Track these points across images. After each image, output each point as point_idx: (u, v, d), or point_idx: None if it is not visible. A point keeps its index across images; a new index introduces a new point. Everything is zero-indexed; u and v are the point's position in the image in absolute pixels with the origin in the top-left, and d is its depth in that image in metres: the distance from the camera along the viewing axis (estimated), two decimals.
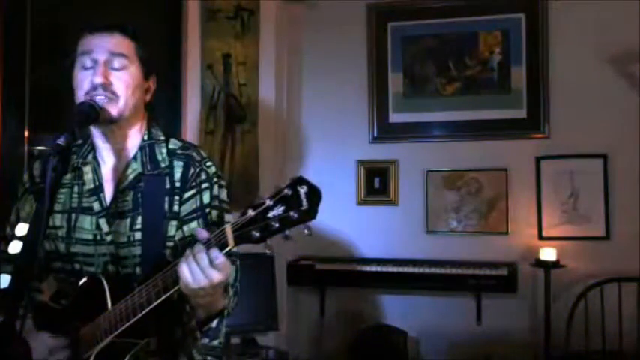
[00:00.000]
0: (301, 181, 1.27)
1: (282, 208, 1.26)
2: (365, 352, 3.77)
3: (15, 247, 1.65)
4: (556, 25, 3.87)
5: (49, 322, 1.57)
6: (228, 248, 1.32)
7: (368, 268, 3.87)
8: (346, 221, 4.01)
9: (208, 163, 1.64)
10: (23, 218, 1.68)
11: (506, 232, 3.90)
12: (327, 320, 4.08)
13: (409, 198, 4.08)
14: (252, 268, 1.47)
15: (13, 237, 1.68)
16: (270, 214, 1.27)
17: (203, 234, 1.36)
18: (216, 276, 1.34)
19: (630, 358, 3.47)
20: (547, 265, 3.61)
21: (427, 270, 3.77)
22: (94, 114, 1.49)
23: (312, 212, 1.26)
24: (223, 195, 1.65)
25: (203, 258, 1.32)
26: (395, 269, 3.81)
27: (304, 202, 1.25)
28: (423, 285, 3.81)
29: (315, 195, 1.26)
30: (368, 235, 4.10)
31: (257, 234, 1.28)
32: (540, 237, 3.83)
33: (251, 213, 1.28)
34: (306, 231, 1.28)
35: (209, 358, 1.60)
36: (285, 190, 1.27)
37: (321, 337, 4.06)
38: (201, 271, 1.33)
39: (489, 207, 3.94)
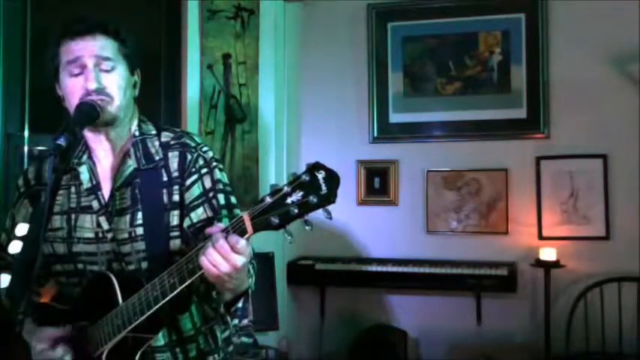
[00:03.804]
0: (318, 166, 1.27)
1: (300, 194, 1.26)
2: (365, 352, 3.77)
3: (15, 247, 1.64)
4: (556, 25, 3.87)
5: (54, 323, 1.56)
6: (248, 235, 1.32)
7: (368, 268, 3.87)
8: (346, 221, 4.00)
9: (204, 148, 1.64)
10: (19, 223, 1.67)
11: (506, 232, 3.90)
12: (327, 320, 4.08)
13: (409, 198, 4.09)
14: None
15: (11, 241, 1.67)
16: (289, 200, 1.26)
17: (215, 229, 1.36)
18: (239, 260, 1.33)
19: (630, 358, 3.47)
20: (547, 265, 3.62)
21: (427, 270, 3.77)
22: (95, 114, 1.49)
23: (331, 196, 1.26)
24: (225, 178, 1.65)
25: (223, 246, 1.32)
26: (395, 269, 3.82)
27: (323, 187, 1.26)
28: (423, 285, 3.81)
29: (333, 179, 1.27)
30: (368, 235, 4.10)
31: (276, 220, 1.27)
32: (540, 237, 3.83)
33: (269, 199, 1.28)
34: (325, 214, 1.28)
35: (243, 338, 1.60)
36: (303, 176, 1.26)
37: (321, 337, 4.06)
38: (224, 258, 1.32)
39: (489, 207, 3.94)
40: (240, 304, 1.52)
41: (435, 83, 4.08)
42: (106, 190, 1.60)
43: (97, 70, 1.53)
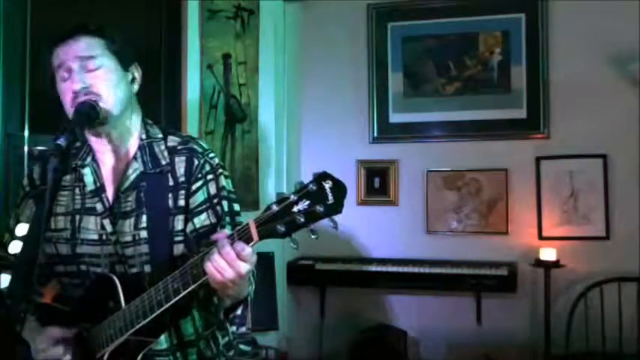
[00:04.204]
0: (326, 176, 1.29)
1: (307, 203, 1.27)
2: (365, 352, 3.77)
3: (15, 247, 1.65)
4: (556, 25, 3.87)
5: (56, 323, 1.56)
6: (253, 243, 1.33)
7: (368, 268, 3.87)
8: (346, 221, 3.97)
9: (211, 155, 1.65)
10: (23, 222, 1.67)
11: (506, 232, 3.90)
12: (327, 320, 4.08)
13: (409, 198, 4.08)
14: None
15: (12, 239, 1.67)
16: (295, 209, 1.28)
17: (220, 235, 1.36)
18: (244, 267, 1.34)
19: (630, 358, 3.47)
20: (547, 265, 3.61)
21: (427, 270, 3.77)
22: (94, 114, 1.50)
23: (338, 206, 1.28)
24: (230, 185, 1.66)
25: (229, 253, 1.32)
26: (395, 269, 3.82)
27: (330, 196, 1.27)
28: (423, 285, 3.81)
29: (340, 189, 1.29)
30: (368, 235, 4.10)
31: (282, 228, 1.28)
32: (540, 237, 3.83)
33: (275, 208, 1.29)
34: (332, 224, 1.29)
35: (241, 345, 1.61)
36: (310, 186, 1.28)
37: (321, 337, 4.06)
38: (229, 265, 1.33)
39: (489, 207, 3.94)
40: (239, 312, 1.52)
41: (435, 83, 4.08)
42: (110, 193, 1.61)
43: (82, 72, 1.53)
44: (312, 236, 1.29)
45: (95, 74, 1.54)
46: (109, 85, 1.55)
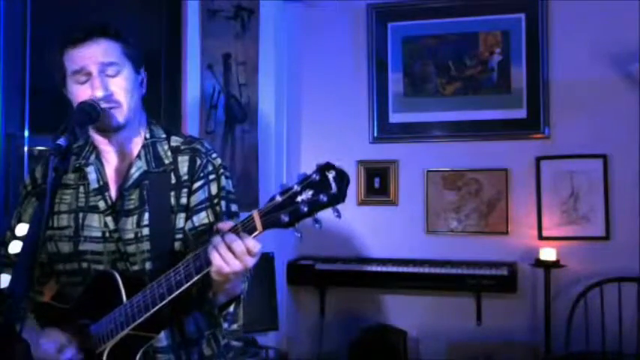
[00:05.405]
0: (328, 166, 1.29)
1: (310, 193, 1.28)
2: (365, 352, 3.78)
3: (15, 247, 1.65)
4: (556, 25, 3.88)
5: (55, 321, 1.57)
6: (257, 233, 1.34)
7: (368, 268, 3.87)
8: (346, 221, 3.99)
9: (214, 155, 1.67)
10: (25, 221, 1.68)
11: (506, 232, 3.90)
12: (327, 320, 4.08)
13: (409, 198, 4.08)
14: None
15: (13, 238, 1.68)
16: (299, 199, 1.28)
17: (225, 226, 1.37)
18: (251, 262, 1.36)
19: (630, 358, 3.47)
20: (547, 265, 3.61)
21: (427, 270, 3.77)
22: (95, 114, 1.50)
23: (341, 195, 1.29)
24: (230, 186, 1.67)
25: (239, 246, 1.33)
26: (395, 269, 3.82)
27: (333, 186, 1.28)
28: (423, 285, 3.81)
29: (343, 179, 1.29)
30: (368, 235, 4.10)
31: (286, 218, 1.29)
32: (540, 237, 3.83)
33: (279, 198, 1.30)
34: (335, 213, 1.30)
35: (232, 342, 1.62)
36: (313, 175, 1.29)
37: (321, 337, 4.06)
38: (237, 259, 1.34)
39: (489, 207, 3.94)
40: (231, 309, 1.53)
41: (435, 83, 4.08)
42: (113, 191, 1.62)
43: (102, 77, 1.53)
44: (316, 225, 1.30)
45: (115, 81, 1.54)
46: (127, 92, 1.56)
